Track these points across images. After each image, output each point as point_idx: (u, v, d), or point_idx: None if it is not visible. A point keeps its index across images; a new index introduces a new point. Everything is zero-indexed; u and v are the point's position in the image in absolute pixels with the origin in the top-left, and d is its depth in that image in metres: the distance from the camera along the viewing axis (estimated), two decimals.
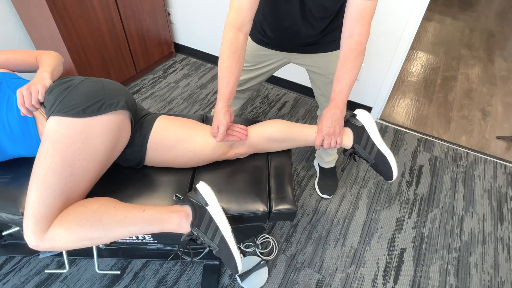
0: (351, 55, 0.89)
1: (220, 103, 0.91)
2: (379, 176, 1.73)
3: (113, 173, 0.94)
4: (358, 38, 0.88)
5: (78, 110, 0.76)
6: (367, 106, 2.05)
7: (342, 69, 0.91)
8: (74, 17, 1.67)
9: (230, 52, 0.89)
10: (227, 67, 0.90)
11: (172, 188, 0.93)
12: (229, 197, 0.90)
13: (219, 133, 0.90)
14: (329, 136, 0.94)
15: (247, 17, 0.88)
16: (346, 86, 0.91)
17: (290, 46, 1.12)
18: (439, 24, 3.36)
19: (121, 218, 0.76)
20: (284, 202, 0.91)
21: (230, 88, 0.91)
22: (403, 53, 1.73)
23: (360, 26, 0.87)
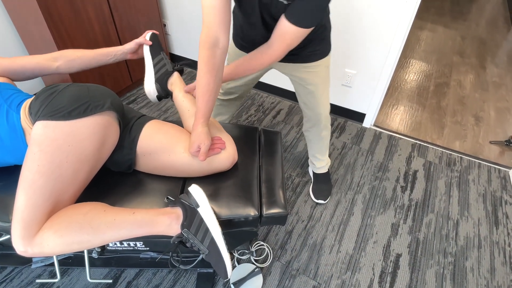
0: (257, 57, 0.97)
1: (200, 124, 0.89)
2: (374, 181, 1.73)
3: (104, 178, 0.94)
4: (270, 51, 0.93)
5: (64, 113, 0.77)
6: (360, 112, 2.07)
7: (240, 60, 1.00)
8: (70, 29, 1.69)
9: (207, 70, 0.88)
10: (205, 85, 0.89)
11: (163, 193, 0.93)
12: (220, 202, 0.90)
13: (202, 152, 0.85)
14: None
15: (219, 32, 0.86)
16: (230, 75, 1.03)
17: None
18: (431, 32, 3.42)
19: (110, 221, 0.76)
20: (275, 206, 0.91)
21: (210, 106, 0.91)
22: (394, 60, 1.76)
23: (278, 44, 0.91)
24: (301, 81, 1.21)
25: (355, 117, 2.12)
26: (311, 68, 1.16)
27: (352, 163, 1.83)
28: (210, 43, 0.86)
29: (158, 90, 1.09)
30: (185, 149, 0.91)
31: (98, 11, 1.80)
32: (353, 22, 1.72)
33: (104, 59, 1.07)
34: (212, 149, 0.92)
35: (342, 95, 2.06)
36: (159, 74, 1.08)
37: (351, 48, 1.81)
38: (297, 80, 1.23)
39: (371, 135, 2.04)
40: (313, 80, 1.20)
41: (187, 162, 0.92)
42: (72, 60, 1.03)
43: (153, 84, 1.08)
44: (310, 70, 1.16)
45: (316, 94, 1.25)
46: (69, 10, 1.65)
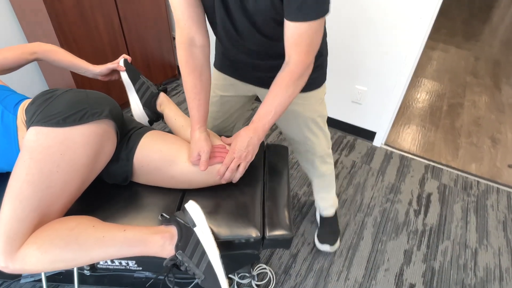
0: (282, 82, 0.79)
1: (197, 130, 0.84)
2: (385, 203, 1.64)
3: (97, 190, 0.88)
4: (292, 67, 0.77)
5: (58, 119, 0.73)
6: (370, 131, 2.00)
7: (272, 94, 0.80)
8: (78, 37, 1.69)
9: (189, 71, 0.82)
10: (192, 88, 0.83)
11: (160, 208, 0.86)
12: (219, 221, 0.83)
13: (202, 161, 0.81)
14: (239, 158, 0.83)
15: (193, 29, 0.80)
16: (271, 113, 0.81)
17: (247, 74, 1.01)
18: (443, 52, 3.37)
19: (99, 238, 0.70)
20: (279, 228, 0.84)
21: (203, 109, 0.85)
22: (407, 77, 1.70)
23: (295, 55, 0.76)
24: (293, 113, 1.03)
25: (365, 135, 2.04)
26: (305, 99, 1.00)
27: (362, 183, 1.74)
28: (186, 43, 0.81)
29: (148, 115, 1.04)
30: (188, 158, 0.86)
31: (107, 21, 1.80)
32: (365, 37, 1.68)
33: (75, 69, 1.04)
34: (213, 157, 0.86)
35: (351, 112, 1.99)
36: (145, 98, 1.03)
37: (362, 64, 1.76)
38: (289, 113, 1.03)
39: (381, 154, 1.96)
40: (305, 112, 1.03)
41: (188, 172, 0.86)
42: (48, 51, 1.00)
43: (142, 110, 1.03)
44: (300, 101, 0.99)
45: (310, 129, 1.07)
46: (78, 18, 1.65)
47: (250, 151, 0.84)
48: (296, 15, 0.70)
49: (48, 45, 0.99)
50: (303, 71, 0.79)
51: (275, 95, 0.80)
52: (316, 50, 0.78)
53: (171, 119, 1.02)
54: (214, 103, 1.13)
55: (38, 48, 0.97)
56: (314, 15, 0.70)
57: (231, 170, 0.84)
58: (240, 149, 0.83)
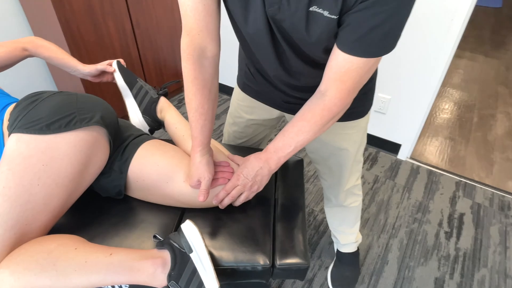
0: (312, 118, 0.65)
1: (198, 153, 0.72)
2: (412, 224, 1.47)
3: (87, 203, 0.79)
4: (328, 104, 0.63)
5: (41, 125, 0.64)
6: (395, 143, 1.84)
7: (296, 127, 0.68)
8: (89, 44, 1.65)
9: (196, 89, 0.69)
10: (197, 108, 0.70)
11: (155, 227, 0.76)
12: (221, 244, 0.71)
13: (202, 190, 0.70)
14: (243, 187, 0.72)
15: (206, 38, 0.65)
16: (289, 147, 0.69)
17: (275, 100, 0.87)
18: (470, 61, 3.18)
19: (80, 263, 0.60)
20: (292, 255, 0.71)
21: (207, 130, 0.74)
22: (436, 86, 1.56)
23: (335, 91, 0.61)
24: (327, 142, 0.89)
25: (388, 148, 1.89)
26: (343, 129, 0.85)
27: (386, 201, 1.59)
28: (195, 55, 0.66)
29: (149, 123, 0.94)
30: (186, 178, 0.76)
31: (119, 27, 1.76)
32: None
33: (66, 68, 0.95)
34: (215, 180, 0.75)
35: (374, 122, 1.85)
36: (144, 105, 0.93)
37: (386, 71, 1.62)
38: (321, 141, 0.89)
39: (407, 168, 1.80)
40: (342, 143, 0.88)
41: (186, 192, 0.76)
42: (40, 47, 0.93)
43: (141, 118, 0.93)
44: (342, 132, 0.85)
45: (344, 160, 0.92)
46: (88, 24, 1.61)
47: (257, 182, 0.73)
48: (352, 47, 0.54)
49: (40, 41, 0.92)
50: (339, 111, 0.65)
51: (299, 130, 0.67)
52: (361, 86, 0.63)
53: (171, 127, 0.93)
54: (238, 124, 1.01)
55: (30, 44, 0.91)
56: (376, 52, 0.55)
57: (231, 197, 0.73)
58: (246, 177, 0.72)
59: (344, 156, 0.91)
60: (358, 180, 1.03)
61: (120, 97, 0.97)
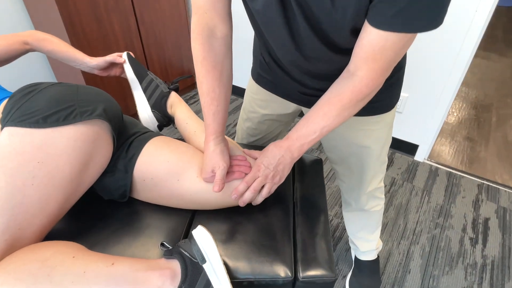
0: (339, 101, 0.58)
1: (211, 141, 0.67)
2: (434, 229, 1.38)
3: (87, 207, 0.72)
4: (358, 85, 0.56)
5: (37, 118, 0.58)
6: (412, 143, 1.75)
7: (321, 111, 0.61)
8: (92, 40, 1.59)
9: (206, 70, 0.64)
10: (209, 91, 0.65)
11: (162, 233, 0.68)
12: (236, 253, 0.63)
13: (217, 180, 0.63)
14: (265, 178, 0.65)
15: (215, 16, 0.61)
16: (314, 134, 0.62)
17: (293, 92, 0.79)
18: (485, 60, 3.08)
19: (78, 273, 0.53)
20: (316, 266, 0.63)
21: (220, 117, 0.67)
22: (457, 81, 1.47)
23: (367, 71, 0.54)
24: (348, 139, 0.81)
25: (405, 149, 1.80)
26: (366, 125, 0.77)
27: (405, 205, 1.50)
28: (204, 35, 0.62)
29: (157, 118, 0.87)
30: (199, 173, 0.69)
31: (124, 24, 1.70)
32: None
33: (70, 61, 0.88)
34: (231, 173, 0.68)
35: None
36: (154, 99, 0.87)
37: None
38: (342, 138, 0.81)
39: (425, 170, 1.71)
40: (364, 140, 0.80)
41: (200, 189, 0.68)
42: (42, 40, 0.86)
43: (150, 113, 0.87)
44: (366, 127, 0.77)
45: (367, 159, 0.83)
46: (92, 19, 1.55)
47: (279, 171, 0.65)
48: (390, 23, 0.46)
49: (42, 34, 0.86)
50: (369, 93, 0.57)
51: (325, 115, 0.60)
52: (394, 66, 0.56)
53: (182, 123, 0.86)
54: (252, 119, 0.93)
55: (31, 37, 0.84)
56: (418, 26, 0.46)
57: (253, 190, 0.65)
58: (268, 166, 0.65)
59: (367, 155, 0.82)
60: (381, 182, 0.94)
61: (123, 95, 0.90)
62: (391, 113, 0.78)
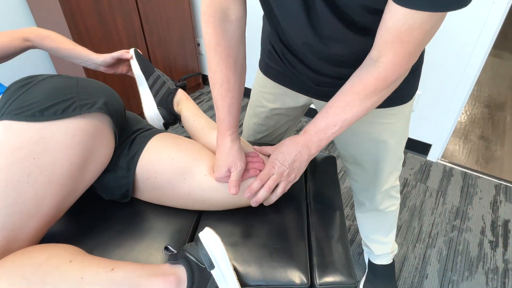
0: (363, 90, 0.53)
1: (228, 137, 0.62)
2: (450, 232, 1.32)
3: (87, 208, 0.68)
4: (383, 72, 0.50)
5: (34, 111, 0.54)
6: (424, 142, 1.69)
7: (342, 102, 0.56)
8: (95, 39, 1.56)
9: (220, 58, 0.59)
10: (223, 81, 0.60)
11: (167, 236, 0.64)
12: (247, 258, 0.58)
13: (234, 180, 0.59)
14: (280, 176, 0.61)
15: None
16: (334, 127, 0.57)
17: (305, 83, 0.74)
18: (496, 58, 3.01)
19: (75, 279, 0.49)
20: (334, 271, 0.58)
21: (235, 110, 0.63)
22: (473, 77, 1.41)
23: (392, 55, 0.48)
24: (362, 133, 0.75)
25: (417, 148, 1.74)
26: (385, 117, 0.71)
27: (419, 206, 1.44)
28: (217, 17, 0.57)
29: (163, 116, 0.83)
30: (209, 170, 0.64)
31: (128, 23, 1.67)
32: None
33: (76, 59, 0.84)
34: (246, 171, 0.63)
35: None
36: (160, 96, 0.83)
37: None
38: (355, 132, 0.75)
39: (439, 171, 1.64)
40: (381, 135, 0.74)
41: (208, 188, 0.64)
42: (45, 37, 0.82)
43: (156, 110, 0.83)
44: (382, 120, 0.72)
45: (383, 156, 0.78)
46: (95, 19, 1.52)
47: (295, 168, 0.61)
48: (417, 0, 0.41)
49: (44, 31, 0.83)
50: (396, 80, 0.52)
51: (347, 106, 0.55)
52: (421, 50, 0.50)
53: (189, 120, 0.81)
54: (259, 115, 0.88)
55: (32, 34, 0.80)
56: (447, 2, 0.41)
57: (267, 189, 0.60)
58: (283, 163, 0.60)
59: (383, 150, 0.77)
60: (397, 180, 0.89)
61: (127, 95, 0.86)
62: (409, 105, 0.73)
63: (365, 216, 1.01)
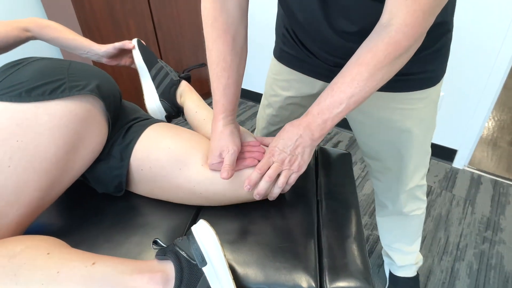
0: (373, 58, 0.46)
1: (220, 120, 0.58)
2: (481, 244, 1.19)
3: (79, 200, 0.63)
4: (395, 35, 0.44)
5: (21, 91, 0.51)
6: (449, 148, 1.58)
7: (348, 75, 0.49)
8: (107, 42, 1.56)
9: (217, 35, 0.55)
10: (219, 60, 0.56)
11: (161, 231, 0.58)
12: (247, 257, 0.52)
13: (226, 165, 0.54)
14: (281, 164, 0.54)
15: None
16: (340, 105, 0.49)
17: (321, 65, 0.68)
18: None
19: (50, 273, 0.44)
20: (347, 275, 0.50)
21: (232, 92, 0.58)
22: (501, 80, 1.31)
23: (405, 14, 0.42)
24: (384, 122, 0.68)
25: (441, 154, 1.62)
26: (409, 103, 0.64)
27: (445, 216, 1.32)
28: None
29: (166, 108, 0.79)
30: (206, 160, 0.59)
31: (141, 27, 1.68)
32: None
33: (77, 50, 0.82)
34: (242, 159, 0.57)
35: None
36: (163, 88, 0.79)
37: None
38: (375, 121, 0.69)
39: (466, 178, 1.52)
40: (405, 122, 0.66)
41: (205, 180, 0.58)
42: (45, 27, 0.80)
43: (158, 102, 0.79)
44: (405, 106, 0.64)
45: (407, 148, 0.70)
46: (108, 23, 1.54)
47: (297, 155, 0.54)
48: None
49: (44, 21, 0.81)
50: (410, 45, 0.45)
51: (354, 80, 0.47)
52: (437, 12, 0.44)
53: (191, 112, 0.77)
54: (272, 105, 0.83)
55: (32, 24, 0.79)
56: None
57: (268, 178, 0.53)
58: (283, 149, 0.54)
59: (407, 141, 0.69)
60: (424, 179, 0.80)
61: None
62: (437, 89, 0.65)
63: (387, 221, 0.92)
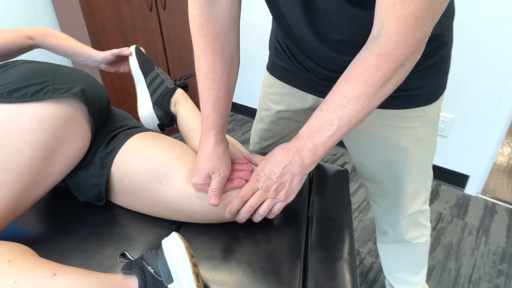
0: (363, 72, 0.42)
1: (211, 138, 0.53)
2: (496, 278, 1.09)
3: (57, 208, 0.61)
4: (386, 45, 0.39)
5: (2, 92, 0.51)
6: (461, 173, 1.50)
7: (338, 93, 0.44)
8: None
9: (205, 43, 0.52)
10: (208, 71, 0.52)
11: (138, 245, 0.54)
12: (225, 276, 0.47)
13: (214, 189, 0.50)
14: (266, 192, 0.49)
15: None
16: (331, 127, 0.44)
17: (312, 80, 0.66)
18: None
19: (7, 283, 0.41)
20: None
21: (222, 106, 0.54)
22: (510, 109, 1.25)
23: (395, 21, 0.38)
24: (377, 139, 0.64)
25: (452, 180, 1.54)
26: (404, 120, 0.60)
27: (456, 245, 1.23)
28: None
29: (159, 117, 0.78)
30: (188, 177, 0.55)
31: (151, 45, 1.71)
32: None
33: (77, 57, 0.82)
34: (229, 181, 0.53)
35: None
36: (157, 95, 0.78)
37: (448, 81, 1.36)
38: (369, 138, 0.65)
39: (479, 206, 1.43)
40: (400, 141, 0.63)
41: (186, 197, 0.54)
42: (46, 35, 0.81)
43: (150, 109, 0.78)
44: (399, 124, 0.61)
45: (405, 169, 0.66)
46: (119, 39, 1.58)
47: (285, 183, 0.49)
48: None
49: (47, 29, 0.83)
50: (404, 55, 0.40)
51: (344, 97, 0.43)
52: (436, 20, 0.40)
53: (183, 121, 0.75)
54: (264, 119, 0.80)
55: (35, 32, 0.81)
56: None
57: (249, 208, 0.50)
58: (269, 176, 0.49)
59: (404, 161, 0.64)
60: (426, 204, 0.74)
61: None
62: (435, 108, 0.61)
63: (388, 248, 0.85)
